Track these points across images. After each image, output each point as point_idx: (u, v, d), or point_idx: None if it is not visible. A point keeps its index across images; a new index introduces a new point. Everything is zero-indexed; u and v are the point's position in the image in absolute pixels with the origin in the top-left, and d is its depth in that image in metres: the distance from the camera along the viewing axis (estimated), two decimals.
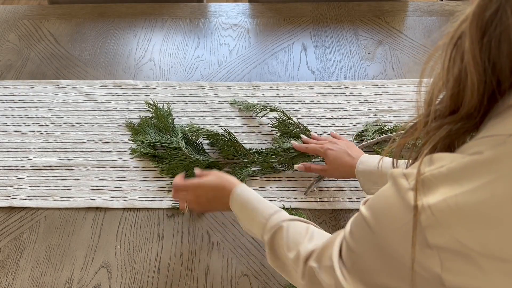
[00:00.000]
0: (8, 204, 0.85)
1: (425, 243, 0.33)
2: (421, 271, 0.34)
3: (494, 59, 0.32)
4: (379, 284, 0.42)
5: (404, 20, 1.23)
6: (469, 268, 0.31)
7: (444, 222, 0.32)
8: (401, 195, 0.35)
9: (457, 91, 0.35)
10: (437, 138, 0.37)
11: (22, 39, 1.19)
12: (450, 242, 0.32)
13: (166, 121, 0.95)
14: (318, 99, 1.03)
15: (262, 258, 0.78)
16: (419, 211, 0.33)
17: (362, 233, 0.42)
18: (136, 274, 0.76)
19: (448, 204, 0.31)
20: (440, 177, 0.33)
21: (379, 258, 0.40)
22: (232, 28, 1.22)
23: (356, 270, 0.45)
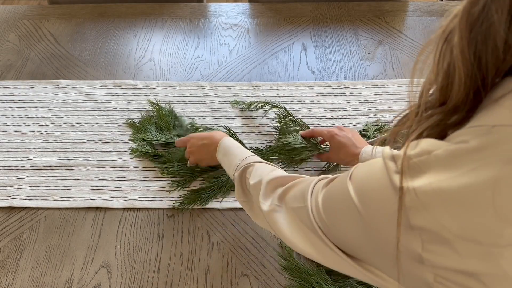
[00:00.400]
0: (8, 204, 0.85)
1: (408, 224, 0.34)
2: (404, 250, 0.36)
3: (480, 54, 0.34)
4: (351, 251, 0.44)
5: (404, 20, 1.23)
6: (446, 250, 0.33)
7: (427, 204, 0.33)
8: (388, 176, 0.37)
9: (446, 84, 0.37)
10: (425, 126, 0.38)
11: (22, 39, 1.19)
12: (431, 224, 0.33)
13: (167, 119, 0.96)
14: (318, 99, 1.03)
15: (262, 258, 0.78)
16: (404, 193, 0.34)
17: (347, 210, 0.42)
18: (136, 274, 0.76)
19: (432, 187, 0.33)
20: (427, 163, 0.34)
21: (362, 234, 0.41)
22: (232, 28, 1.22)
23: (329, 233, 0.46)
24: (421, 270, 0.35)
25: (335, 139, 0.81)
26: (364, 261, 0.44)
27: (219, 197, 0.85)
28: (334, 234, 0.46)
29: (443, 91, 0.37)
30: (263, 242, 0.80)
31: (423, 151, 0.35)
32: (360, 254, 0.43)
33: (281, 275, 0.76)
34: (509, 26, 0.31)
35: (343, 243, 0.45)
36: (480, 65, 0.34)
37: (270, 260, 0.78)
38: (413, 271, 0.36)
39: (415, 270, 0.35)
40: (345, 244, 0.45)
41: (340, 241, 0.46)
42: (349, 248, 0.45)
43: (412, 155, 0.35)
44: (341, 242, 0.46)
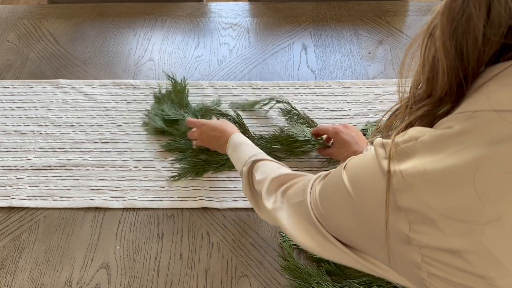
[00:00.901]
0: (8, 204, 0.85)
1: (395, 205, 0.36)
2: (393, 231, 0.37)
3: (460, 47, 0.35)
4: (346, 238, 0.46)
5: (405, 20, 1.22)
6: (431, 229, 0.34)
7: (412, 185, 0.35)
8: (378, 161, 0.39)
9: (432, 76, 0.39)
10: (414, 117, 0.41)
11: (22, 38, 1.18)
12: (416, 205, 0.35)
13: (181, 96, 0.99)
14: (318, 99, 1.03)
15: (262, 258, 0.78)
16: (392, 176, 0.36)
17: (341, 196, 0.44)
18: (135, 275, 0.76)
19: (417, 169, 0.35)
20: (413, 148, 0.36)
21: (354, 219, 0.42)
22: (232, 27, 1.22)
23: (325, 222, 0.49)
24: (409, 251, 0.36)
25: (339, 136, 0.83)
26: (359, 249, 0.46)
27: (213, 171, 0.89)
28: (330, 223, 0.48)
29: (429, 82, 0.40)
30: (263, 242, 0.80)
31: (411, 137, 0.37)
32: (355, 242, 0.46)
33: (281, 275, 0.76)
34: (486, 19, 0.33)
35: (339, 232, 0.48)
36: (461, 57, 0.36)
37: (270, 260, 0.78)
38: (402, 253, 0.37)
39: (404, 252, 0.37)
40: (340, 233, 0.47)
41: (336, 231, 0.48)
42: (344, 236, 0.47)
43: (400, 142, 0.37)
44: (337, 231, 0.48)
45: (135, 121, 0.99)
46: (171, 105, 0.98)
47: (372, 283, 0.72)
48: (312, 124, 0.92)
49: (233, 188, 0.87)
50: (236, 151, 0.77)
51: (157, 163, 0.91)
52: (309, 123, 0.93)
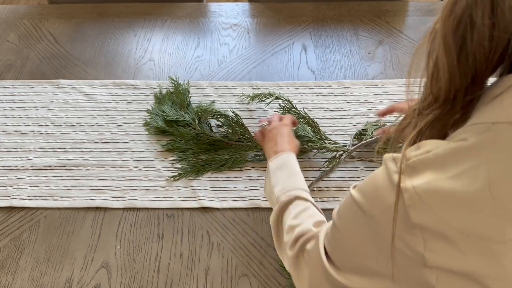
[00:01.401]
0: (8, 204, 0.85)
1: (409, 222, 0.34)
2: (406, 250, 0.36)
3: (464, 43, 0.34)
4: (359, 265, 0.44)
5: (405, 20, 1.23)
6: (448, 248, 0.33)
7: (426, 202, 0.33)
8: (389, 176, 0.37)
9: (435, 74, 0.38)
10: (423, 123, 0.39)
11: (22, 39, 1.19)
12: (431, 222, 0.33)
13: (183, 97, 1.00)
14: (318, 99, 1.03)
15: (262, 258, 0.78)
16: (403, 191, 0.35)
17: (351, 213, 0.43)
18: (136, 274, 0.76)
19: (430, 186, 0.33)
20: (426, 162, 0.34)
21: (367, 238, 0.41)
22: (232, 28, 1.22)
23: (338, 250, 0.47)
24: (423, 272, 0.34)
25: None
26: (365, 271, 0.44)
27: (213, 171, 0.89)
28: (339, 250, 0.47)
29: (433, 81, 0.38)
30: (263, 242, 0.80)
31: (423, 150, 0.35)
32: (362, 263, 0.44)
33: (281, 275, 0.76)
34: (491, 14, 0.32)
35: (347, 258, 0.46)
36: (465, 54, 0.35)
37: (270, 260, 0.78)
38: (416, 275, 0.35)
39: (416, 273, 0.35)
40: (349, 258, 0.45)
41: (345, 257, 0.46)
42: (352, 261, 0.45)
43: (413, 155, 0.36)
44: (346, 257, 0.46)
45: (135, 121, 0.99)
46: (172, 106, 0.98)
47: None
48: (313, 123, 0.92)
49: (233, 188, 0.87)
50: (280, 169, 0.71)
51: (157, 163, 0.91)
52: (309, 122, 0.93)
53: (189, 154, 0.91)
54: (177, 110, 0.97)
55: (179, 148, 0.92)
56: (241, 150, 0.90)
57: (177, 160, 0.91)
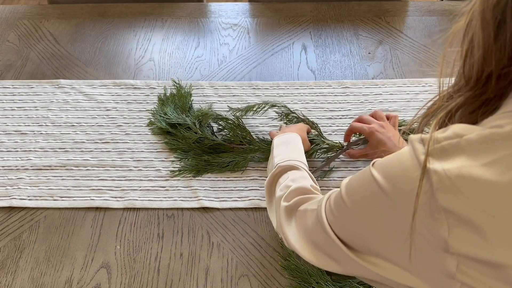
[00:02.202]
0: (8, 204, 0.85)
1: (435, 205, 0.33)
2: (427, 234, 0.35)
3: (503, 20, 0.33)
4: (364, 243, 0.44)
5: (405, 20, 1.23)
6: (475, 237, 0.31)
7: (457, 188, 0.32)
8: (416, 157, 0.36)
9: (470, 52, 0.36)
10: (453, 104, 0.38)
11: (22, 39, 1.19)
12: (460, 209, 0.32)
13: (185, 100, 0.99)
14: (318, 99, 1.03)
15: (262, 258, 0.78)
16: (431, 173, 0.33)
17: (367, 192, 0.42)
18: (136, 274, 0.76)
19: (462, 172, 0.32)
20: (458, 147, 0.33)
21: (381, 219, 0.40)
22: (232, 28, 1.22)
23: (342, 225, 0.47)
24: (443, 258, 0.34)
25: (375, 135, 0.80)
26: (371, 251, 0.44)
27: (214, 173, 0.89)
28: (344, 225, 0.47)
29: (466, 60, 0.37)
30: (263, 242, 0.80)
31: (455, 134, 0.34)
32: (370, 241, 0.43)
33: (281, 275, 0.76)
34: None
35: (352, 234, 0.46)
36: (503, 31, 0.33)
37: (270, 260, 0.78)
38: (434, 259, 0.35)
39: (436, 258, 0.35)
40: (354, 234, 0.46)
41: (350, 232, 0.46)
42: (357, 238, 0.45)
43: (443, 138, 0.35)
44: (351, 232, 0.46)
45: (136, 121, 0.99)
46: (174, 109, 0.98)
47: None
48: (313, 125, 0.92)
49: (233, 188, 0.87)
50: (285, 145, 0.76)
51: (157, 163, 0.91)
52: (309, 125, 0.92)
53: (191, 155, 0.91)
54: (178, 113, 0.97)
55: (181, 148, 0.92)
56: (243, 153, 0.90)
57: (178, 159, 0.91)
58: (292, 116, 0.93)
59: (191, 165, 0.90)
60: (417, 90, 1.04)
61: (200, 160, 0.90)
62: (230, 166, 0.89)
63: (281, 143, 0.76)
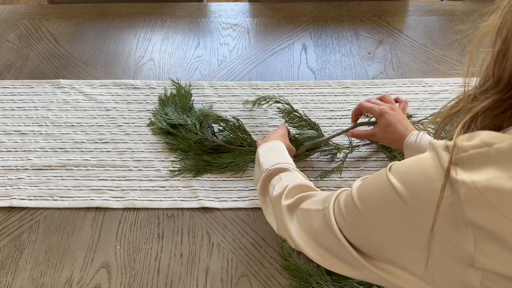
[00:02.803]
0: (8, 204, 0.85)
1: (461, 218, 0.32)
2: (450, 247, 0.33)
3: None
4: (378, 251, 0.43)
5: (405, 20, 1.22)
6: (503, 253, 0.31)
7: (487, 200, 0.31)
8: (441, 166, 0.34)
9: (502, 52, 0.35)
10: (479, 107, 0.36)
11: (22, 39, 1.19)
12: (488, 222, 0.31)
13: (185, 100, 0.99)
14: (318, 99, 1.03)
15: (262, 258, 0.78)
16: (459, 184, 0.32)
17: (384, 199, 0.40)
18: (136, 274, 0.76)
19: (492, 184, 0.31)
20: (487, 156, 0.32)
21: (399, 228, 0.38)
22: (232, 27, 1.22)
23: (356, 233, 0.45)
24: (467, 272, 0.33)
25: (385, 117, 0.78)
26: (384, 258, 0.43)
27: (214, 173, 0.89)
28: (356, 231, 0.45)
29: (498, 61, 0.35)
30: (263, 242, 0.80)
31: (483, 143, 0.33)
32: (388, 252, 0.42)
33: (281, 275, 0.76)
34: None
35: (364, 240, 0.44)
36: None
37: (270, 260, 0.78)
38: (457, 274, 0.34)
39: (459, 273, 0.33)
40: (366, 240, 0.44)
41: (362, 238, 0.45)
42: (371, 245, 0.44)
43: (470, 146, 0.33)
44: (363, 238, 0.45)
45: (136, 121, 0.99)
46: (174, 109, 0.98)
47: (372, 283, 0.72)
48: (314, 126, 0.92)
49: (233, 188, 0.87)
50: (270, 152, 0.74)
51: (157, 163, 0.91)
52: (311, 125, 0.92)
53: (191, 155, 0.91)
54: (179, 113, 0.97)
55: (181, 148, 0.92)
56: (243, 155, 0.90)
57: (178, 159, 0.91)
58: (294, 114, 0.93)
59: (191, 165, 0.90)
60: (417, 90, 1.04)
61: (200, 160, 0.90)
62: (230, 167, 0.89)
63: (266, 151, 0.75)
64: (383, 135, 0.79)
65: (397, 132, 0.76)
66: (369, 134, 0.82)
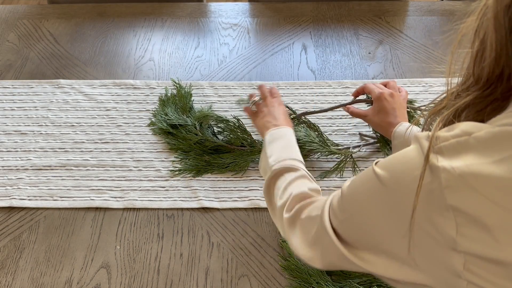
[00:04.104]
0: (8, 204, 0.85)
1: (443, 203, 0.33)
2: (433, 231, 0.34)
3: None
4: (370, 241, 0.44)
5: (405, 20, 1.22)
6: (484, 236, 0.31)
7: (466, 185, 0.32)
8: (423, 155, 0.36)
9: (480, 52, 0.36)
10: (460, 103, 0.38)
11: (22, 38, 1.19)
12: (469, 208, 0.32)
13: (185, 101, 0.99)
14: (318, 99, 1.03)
15: (262, 258, 0.78)
16: (440, 170, 0.33)
17: (369, 189, 0.42)
18: (136, 275, 0.76)
19: (472, 169, 0.32)
20: (466, 144, 0.33)
21: (384, 215, 0.40)
22: (232, 27, 1.22)
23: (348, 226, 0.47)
24: (450, 256, 0.34)
25: (381, 101, 0.80)
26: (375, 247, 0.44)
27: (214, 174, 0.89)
28: (349, 225, 0.46)
29: (477, 61, 0.37)
30: (263, 242, 0.80)
31: (463, 132, 0.34)
32: (373, 237, 0.43)
33: (281, 275, 0.76)
34: None
35: (356, 233, 0.46)
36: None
37: (270, 260, 0.78)
38: (440, 258, 0.35)
39: (443, 257, 0.34)
40: (358, 233, 0.45)
41: (354, 232, 0.46)
42: (359, 236, 0.45)
43: (451, 136, 0.35)
44: (355, 232, 0.46)
45: (135, 121, 0.99)
46: (174, 109, 0.98)
47: (372, 283, 0.72)
48: (315, 127, 0.92)
49: (233, 188, 0.87)
50: (277, 141, 0.71)
51: (157, 163, 0.91)
52: (310, 126, 0.92)
53: (192, 156, 0.91)
54: (179, 114, 0.97)
55: (182, 148, 0.92)
56: (243, 155, 0.90)
57: (179, 159, 0.91)
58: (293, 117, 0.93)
59: (191, 165, 0.90)
60: (418, 90, 1.04)
61: (201, 161, 0.90)
62: (230, 167, 0.89)
63: (273, 140, 0.72)
64: (372, 118, 0.82)
65: (386, 119, 0.79)
66: (362, 113, 0.85)
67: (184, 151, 0.92)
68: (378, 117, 0.80)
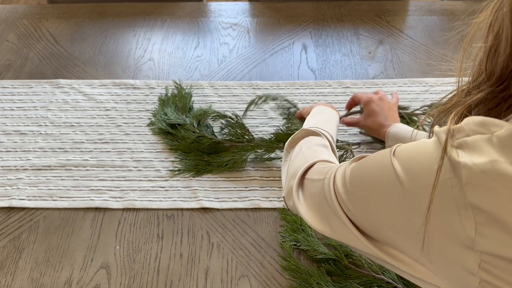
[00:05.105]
0: (7, 204, 0.85)
1: (462, 201, 0.32)
2: (448, 228, 0.34)
3: None
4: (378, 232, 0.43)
5: (405, 20, 1.22)
6: (502, 236, 0.31)
7: (488, 183, 0.31)
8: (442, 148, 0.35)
9: (494, 47, 0.36)
10: (472, 100, 0.37)
11: (21, 38, 1.18)
12: (490, 205, 0.31)
13: (185, 101, 1.00)
14: (318, 99, 1.03)
15: (262, 258, 0.78)
16: (461, 166, 0.32)
17: (384, 181, 0.40)
18: (135, 275, 0.76)
19: (494, 167, 0.31)
20: (488, 141, 0.33)
21: (396, 210, 0.39)
22: (232, 27, 1.21)
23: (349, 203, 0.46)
24: (465, 255, 0.33)
25: (370, 105, 0.83)
26: (384, 241, 0.43)
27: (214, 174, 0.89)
28: (359, 211, 0.45)
29: (490, 56, 0.36)
30: (263, 242, 0.80)
31: (484, 128, 0.33)
32: (385, 232, 0.42)
33: (282, 275, 0.76)
34: None
35: (367, 221, 0.45)
36: None
37: (270, 260, 0.77)
38: (454, 255, 0.34)
39: (457, 254, 0.34)
40: (369, 222, 0.44)
41: (364, 219, 0.45)
42: (372, 225, 0.44)
43: (471, 131, 0.34)
44: (366, 219, 0.45)
45: (135, 121, 0.98)
46: (174, 110, 0.98)
47: (372, 283, 0.72)
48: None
49: (233, 188, 0.87)
50: (318, 114, 0.76)
51: (157, 163, 0.91)
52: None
53: (191, 155, 0.91)
54: (179, 114, 0.97)
55: (181, 149, 0.92)
56: (241, 151, 0.90)
57: (178, 159, 0.91)
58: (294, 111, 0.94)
59: (190, 165, 0.90)
60: (418, 90, 1.04)
61: (200, 161, 0.90)
62: (229, 165, 0.89)
63: (317, 113, 0.77)
64: (364, 122, 0.85)
65: (377, 121, 0.81)
66: (355, 121, 0.88)
67: (184, 152, 0.92)
68: (369, 120, 0.83)
